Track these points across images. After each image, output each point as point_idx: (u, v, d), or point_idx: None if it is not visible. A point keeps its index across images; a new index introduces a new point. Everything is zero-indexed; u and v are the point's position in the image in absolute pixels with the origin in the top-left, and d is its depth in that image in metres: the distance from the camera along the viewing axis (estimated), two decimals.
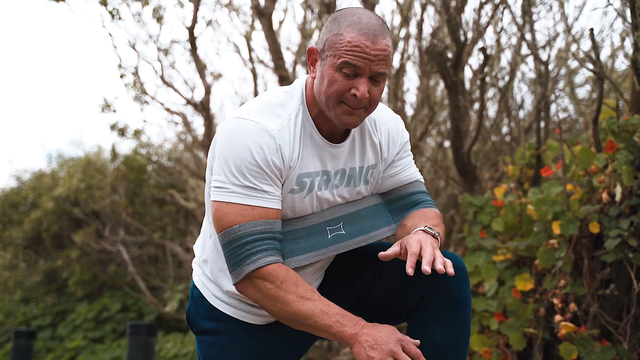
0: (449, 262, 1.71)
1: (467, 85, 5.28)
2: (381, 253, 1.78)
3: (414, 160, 2.18)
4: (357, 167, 1.99)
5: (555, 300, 3.19)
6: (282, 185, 1.86)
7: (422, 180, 2.14)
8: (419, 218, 1.99)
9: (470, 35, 4.75)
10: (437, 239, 1.86)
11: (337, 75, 1.78)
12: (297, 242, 1.90)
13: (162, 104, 7.53)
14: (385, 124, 2.05)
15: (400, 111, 5.40)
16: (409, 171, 2.10)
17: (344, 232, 1.96)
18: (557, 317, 3.14)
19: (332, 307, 1.76)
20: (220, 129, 1.87)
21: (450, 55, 4.46)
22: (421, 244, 1.75)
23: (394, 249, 1.78)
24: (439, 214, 2.06)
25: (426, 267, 1.67)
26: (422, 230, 1.86)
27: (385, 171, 2.08)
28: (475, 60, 5.48)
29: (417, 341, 1.78)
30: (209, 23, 7.01)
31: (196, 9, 6.57)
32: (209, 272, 2.05)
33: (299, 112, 1.90)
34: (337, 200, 1.98)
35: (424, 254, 1.72)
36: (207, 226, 2.06)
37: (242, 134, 1.80)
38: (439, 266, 1.68)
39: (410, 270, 1.69)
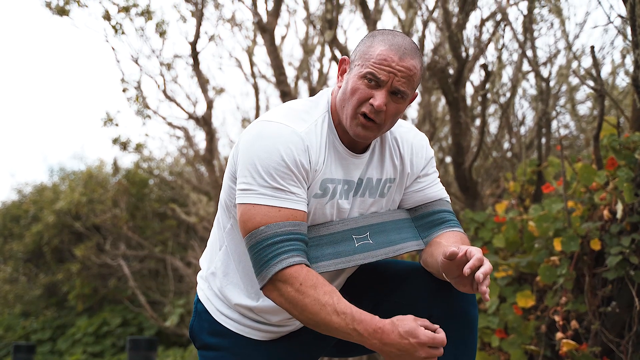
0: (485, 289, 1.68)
1: (469, 101, 5.30)
2: (446, 251, 1.71)
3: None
4: (375, 179, 1.99)
5: (557, 318, 3.18)
6: (308, 188, 1.86)
7: (449, 199, 2.12)
8: (454, 240, 1.97)
9: (471, 51, 4.78)
10: None
11: (359, 83, 1.82)
12: (321, 248, 1.88)
13: (164, 118, 7.55)
14: (409, 140, 2.06)
15: None
16: (435, 188, 2.09)
17: (371, 242, 1.94)
18: (559, 335, 3.13)
19: (348, 313, 1.71)
20: (245, 133, 1.87)
21: (451, 71, 4.48)
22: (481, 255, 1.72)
23: (452, 250, 1.71)
24: (467, 238, 2.06)
25: (480, 275, 1.65)
26: None
27: (411, 186, 2.07)
28: (476, 76, 5.49)
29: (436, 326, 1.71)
30: (211, 38, 7.05)
31: (199, 24, 6.61)
32: (216, 285, 2.04)
33: (324, 118, 1.92)
34: (354, 210, 1.98)
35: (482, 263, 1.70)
36: (217, 236, 2.05)
37: (270, 135, 1.80)
38: (484, 288, 1.66)
39: (468, 270, 1.65)
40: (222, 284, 2.02)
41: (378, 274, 2.08)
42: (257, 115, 6.93)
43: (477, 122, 5.20)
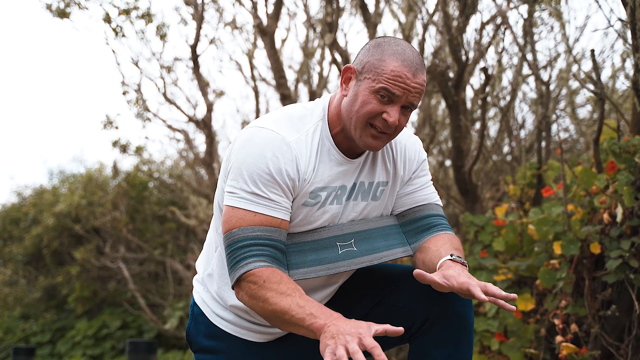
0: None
1: (469, 104, 5.30)
2: (419, 271, 1.74)
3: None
4: (367, 182, 2.00)
5: (556, 321, 3.18)
6: (296, 197, 1.87)
7: (440, 203, 2.11)
8: (442, 243, 1.97)
9: (471, 55, 4.77)
10: (466, 267, 1.87)
11: (372, 97, 1.83)
12: (304, 254, 1.89)
13: (164, 121, 7.56)
14: (402, 142, 2.07)
15: None
16: (426, 192, 2.09)
17: (355, 249, 1.95)
18: (558, 338, 3.13)
19: (310, 302, 1.71)
20: (239, 137, 1.89)
21: (451, 74, 4.48)
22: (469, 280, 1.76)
23: (433, 278, 1.74)
24: (458, 239, 2.05)
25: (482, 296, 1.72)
26: (451, 259, 1.86)
27: (402, 189, 2.07)
28: (476, 80, 5.49)
29: (375, 344, 1.57)
30: (211, 41, 7.05)
31: (199, 27, 6.62)
32: (213, 287, 2.05)
33: (317, 127, 1.93)
34: (348, 215, 1.98)
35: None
36: (213, 238, 2.06)
37: (260, 142, 1.83)
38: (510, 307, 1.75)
39: (490, 299, 1.74)
40: (219, 285, 2.02)
41: (374, 277, 2.08)
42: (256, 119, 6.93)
43: (477, 125, 5.19)
